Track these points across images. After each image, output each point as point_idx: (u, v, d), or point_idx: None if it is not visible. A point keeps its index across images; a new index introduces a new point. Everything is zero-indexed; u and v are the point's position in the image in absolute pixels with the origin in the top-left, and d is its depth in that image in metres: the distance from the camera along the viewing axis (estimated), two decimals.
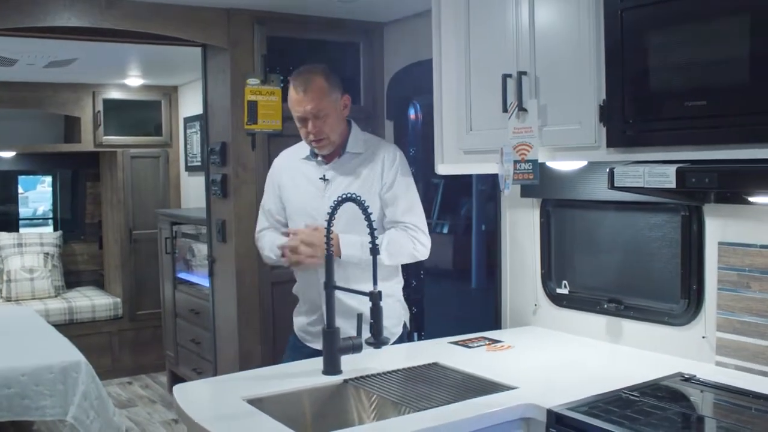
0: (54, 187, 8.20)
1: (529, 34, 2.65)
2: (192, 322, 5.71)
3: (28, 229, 8.00)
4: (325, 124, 3.02)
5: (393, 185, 3.09)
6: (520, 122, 2.66)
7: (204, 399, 2.49)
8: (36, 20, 3.63)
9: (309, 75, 3.04)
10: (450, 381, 2.56)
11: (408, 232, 3.08)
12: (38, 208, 8.56)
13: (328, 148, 3.10)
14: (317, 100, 3.00)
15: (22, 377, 4.20)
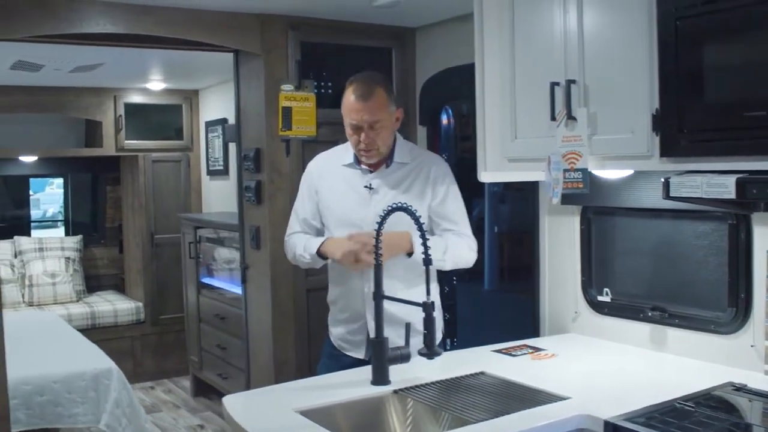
0: (65, 189, 8.20)
1: (578, 41, 2.63)
2: (217, 327, 5.70)
3: (39, 232, 8.01)
4: (378, 135, 2.99)
5: (446, 198, 3.09)
6: (569, 131, 2.64)
7: (256, 410, 2.47)
8: (72, 26, 3.63)
9: (371, 85, 3.00)
10: (500, 390, 2.55)
11: (466, 240, 3.09)
12: (48, 209, 8.56)
13: (375, 159, 3.07)
14: (376, 111, 2.97)
15: (54, 384, 4.19)
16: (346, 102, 3.02)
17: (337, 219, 3.12)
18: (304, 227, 3.22)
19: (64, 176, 8.09)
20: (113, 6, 3.66)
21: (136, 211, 7.03)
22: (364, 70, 3.13)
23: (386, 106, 3.00)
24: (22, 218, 7.95)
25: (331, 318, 3.26)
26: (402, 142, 3.17)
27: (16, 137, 6.79)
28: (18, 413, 4.03)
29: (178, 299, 6.68)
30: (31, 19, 3.53)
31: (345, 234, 3.03)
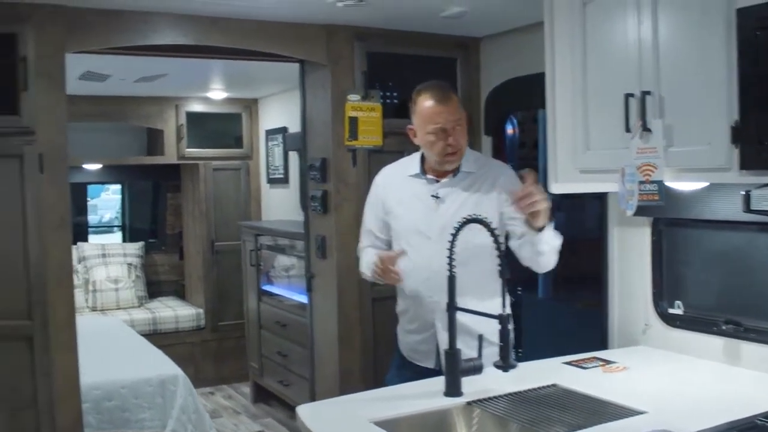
0: (123, 195, 8.34)
1: (653, 52, 2.59)
2: (278, 335, 5.74)
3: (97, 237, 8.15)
4: (461, 135, 3.03)
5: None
6: (644, 142, 2.61)
7: (331, 420, 2.48)
8: (143, 39, 3.70)
9: (445, 88, 3.05)
10: (574, 404, 2.52)
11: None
12: (104, 215, 8.71)
13: (458, 162, 3.08)
14: (455, 111, 3.01)
15: (122, 390, 4.28)
16: (425, 109, 3.02)
17: (405, 229, 3.13)
18: (372, 241, 3.25)
19: (121, 183, 8.23)
20: (184, 18, 3.72)
21: (197, 218, 7.12)
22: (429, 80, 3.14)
23: (460, 109, 3.06)
24: (81, 224, 8.11)
25: (400, 328, 3.28)
26: (468, 151, 3.17)
27: (80, 145, 6.92)
28: (89, 417, 4.13)
29: (237, 306, 6.74)
30: (105, 32, 3.61)
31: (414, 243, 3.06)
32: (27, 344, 3.47)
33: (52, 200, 3.52)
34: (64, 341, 3.56)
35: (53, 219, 3.52)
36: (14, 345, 3.46)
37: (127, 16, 3.62)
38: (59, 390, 3.53)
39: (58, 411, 3.52)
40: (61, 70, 3.53)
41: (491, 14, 3.81)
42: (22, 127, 3.44)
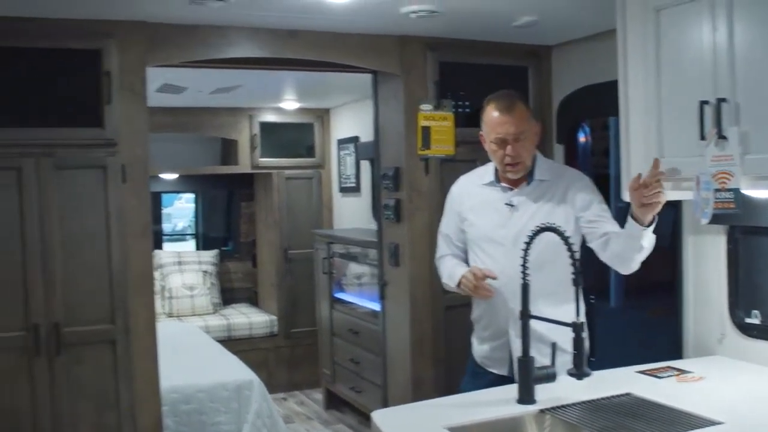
0: (196, 203, 8.52)
1: (728, 59, 2.57)
2: (351, 342, 5.81)
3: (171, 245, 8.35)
4: (523, 147, 3.05)
5: (591, 205, 3.08)
6: (719, 150, 2.58)
7: (405, 426, 2.52)
8: (220, 52, 3.80)
9: (512, 99, 3.08)
10: (650, 414, 2.50)
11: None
12: (178, 223, 8.90)
13: (521, 173, 3.10)
14: (520, 123, 3.03)
15: (199, 394, 4.39)
16: (489, 118, 3.08)
17: (480, 237, 3.17)
18: (451, 248, 3.30)
19: (195, 191, 8.42)
20: (260, 31, 3.81)
21: (270, 226, 7.24)
22: (500, 88, 3.18)
23: (527, 119, 3.07)
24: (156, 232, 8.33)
25: (475, 335, 3.31)
26: (542, 159, 3.20)
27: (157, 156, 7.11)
28: (167, 420, 4.24)
29: (309, 313, 6.82)
30: (184, 46, 3.72)
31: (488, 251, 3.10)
32: (110, 347, 3.61)
33: (134, 209, 3.64)
34: (145, 345, 3.68)
35: (135, 228, 3.64)
36: (99, 348, 3.59)
37: (205, 31, 3.73)
38: (140, 392, 3.65)
39: (138, 412, 3.64)
40: (143, 83, 3.65)
41: (562, 22, 3.81)
42: (105, 139, 3.58)
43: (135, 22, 3.59)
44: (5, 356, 3.45)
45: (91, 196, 3.57)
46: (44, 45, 3.50)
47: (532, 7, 3.53)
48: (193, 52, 3.75)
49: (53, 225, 3.51)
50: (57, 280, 3.51)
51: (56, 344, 3.49)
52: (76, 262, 3.54)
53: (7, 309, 3.46)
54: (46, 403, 3.50)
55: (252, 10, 3.47)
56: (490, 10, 3.56)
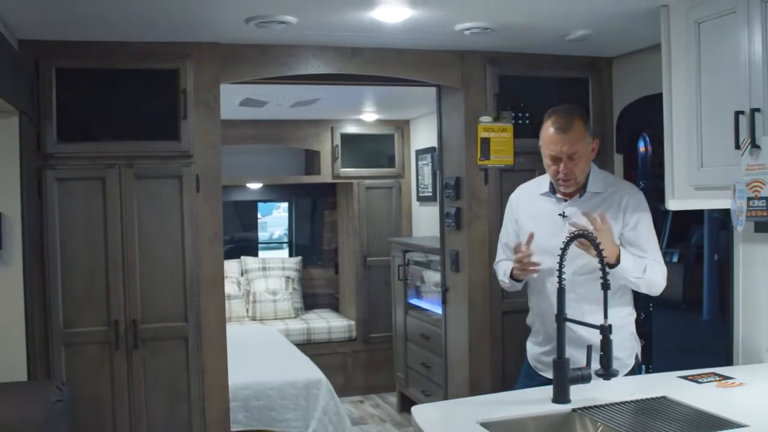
0: (290, 212, 8.83)
1: (763, 69, 2.65)
2: (422, 346, 5.97)
3: (266, 253, 8.66)
4: (576, 166, 3.15)
5: (638, 225, 3.19)
6: (753, 159, 2.66)
7: (441, 420, 2.66)
8: (290, 69, 4.04)
9: (570, 117, 3.17)
10: (678, 416, 2.55)
11: (658, 268, 3.17)
12: (274, 232, 9.21)
13: (573, 188, 3.23)
14: (574, 142, 3.13)
15: (270, 391, 4.63)
16: (545, 134, 3.20)
17: (533, 245, 3.27)
18: (509, 255, 3.43)
19: (289, 201, 8.74)
20: (326, 49, 4.03)
21: (351, 234, 7.48)
22: (560, 100, 3.31)
23: (583, 138, 3.17)
24: (251, 240, 8.68)
25: (529, 339, 3.45)
26: (597, 171, 3.30)
27: (244, 166, 7.46)
28: (238, 414, 4.50)
29: (387, 319, 7.00)
30: (255, 64, 3.98)
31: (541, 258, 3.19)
32: (183, 343, 3.88)
33: (207, 217, 3.92)
34: (215, 343, 3.93)
35: (207, 233, 3.92)
36: (172, 344, 3.88)
37: (274, 50, 3.98)
38: (209, 385, 3.91)
39: (208, 404, 3.91)
40: (216, 100, 3.92)
41: (616, 36, 3.88)
42: (182, 152, 3.87)
43: (209, 44, 3.87)
44: (89, 349, 3.78)
45: (167, 203, 3.87)
46: (127, 66, 3.82)
47: (585, 21, 3.63)
48: (264, 70, 4.00)
49: (133, 230, 3.81)
50: (135, 280, 3.81)
51: (134, 339, 3.80)
52: (153, 264, 3.84)
53: (91, 306, 3.78)
54: (123, 392, 3.80)
55: (316, 30, 3.69)
56: (543, 25, 3.68)
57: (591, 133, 3.25)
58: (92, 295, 3.78)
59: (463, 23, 3.59)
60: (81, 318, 3.76)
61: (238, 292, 7.64)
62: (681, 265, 11.50)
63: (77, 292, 3.76)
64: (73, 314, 3.75)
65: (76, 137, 3.79)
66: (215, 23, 3.55)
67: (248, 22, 3.45)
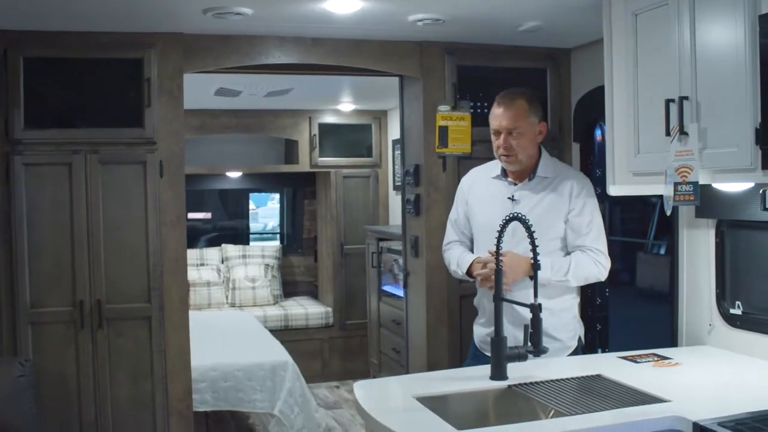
0: (281, 203, 8.95)
1: (691, 59, 2.75)
2: (394, 332, 6.09)
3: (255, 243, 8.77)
4: (517, 142, 3.29)
5: (582, 211, 3.30)
6: (681, 145, 2.76)
7: (380, 395, 2.78)
8: (252, 59, 4.15)
9: (514, 95, 3.35)
10: (608, 392, 2.66)
11: (591, 255, 3.28)
12: (268, 223, 9.32)
13: (515, 166, 3.35)
14: (515, 118, 3.29)
15: (237, 372, 4.75)
16: (491, 112, 3.38)
17: (481, 226, 3.43)
18: (458, 234, 3.56)
19: (280, 192, 8.85)
20: (286, 40, 4.14)
21: (329, 223, 7.59)
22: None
23: (525, 116, 3.30)
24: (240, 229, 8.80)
25: (475, 321, 3.56)
26: (547, 157, 3.42)
27: (224, 155, 7.57)
28: (206, 395, 4.62)
29: (363, 305, 7.13)
30: (217, 54, 4.09)
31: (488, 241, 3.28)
32: (146, 323, 4.01)
33: (170, 201, 4.04)
34: (178, 323, 4.06)
35: (170, 217, 4.04)
36: (136, 324, 4.01)
37: (236, 40, 4.09)
38: (172, 364, 4.04)
39: (170, 383, 4.03)
40: (180, 88, 4.03)
41: (571, 26, 3.97)
42: (145, 138, 3.98)
43: (173, 34, 3.97)
44: (55, 328, 3.90)
45: (131, 188, 3.98)
46: (93, 55, 3.93)
47: (534, 13, 3.73)
48: (225, 60, 4.12)
49: (98, 213, 3.93)
50: (100, 262, 3.93)
51: (99, 319, 3.92)
52: (117, 246, 3.96)
53: (57, 287, 3.90)
54: (88, 370, 3.93)
55: (273, 21, 3.80)
56: (494, 16, 3.78)
57: (538, 115, 3.36)
58: (58, 276, 3.90)
59: (415, 14, 3.69)
60: (47, 298, 3.88)
61: (217, 279, 7.75)
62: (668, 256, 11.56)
63: (43, 273, 3.88)
64: (40, 295, 3.87)
65: (43, 124, 3.91)
66: (178, 14, 3.65)
67: (206, 13, 3.55)
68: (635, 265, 9.00)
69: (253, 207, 9.12)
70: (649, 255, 12.04)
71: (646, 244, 12.16)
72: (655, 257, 11.79)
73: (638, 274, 9.26)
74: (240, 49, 4.10)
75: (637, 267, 9.15)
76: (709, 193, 3.02)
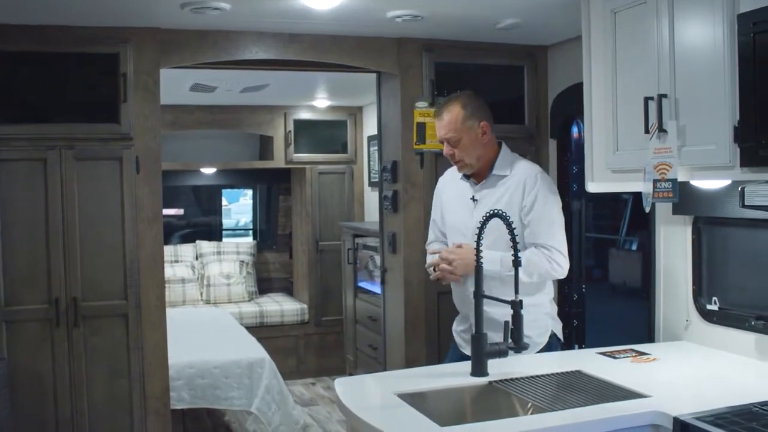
0: (254, 200, 8.91)
1: (669, 57, 2.77)
2: (370, 329, 6.09)
3: (229, 239, 8.74)
4: (458, 148, 3.33)
5: (533, 208, 3.29)
6: (660, 143, 2.78)
7: (360, 392, 2.78)
8: (230, 55, 4.13)
9: (447, 104, 3.35)
10: (588, 387, 2.69)
11: (545, 253, 3.27)
12: (240, 219, 9.28)
13: (467, 170, 3.39)
14: (448, 127, 3.33)
15: (214, 369, 4.73)
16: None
17: (450, 227, 3.49)
18: (437, 233, 3.60)
19: (252, 187, 8.81)
20: (264, 35, 4.12)
21: (304, 219, 7.57)
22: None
23: (458, 123, 3.31)
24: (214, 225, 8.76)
25: (455, 319, 3.57)
26: (506, 154, 3.42)
27: (198, 151, 7.52)
28: (183, 393, 4.59)
29: (338, 302, 7.12)
30: (194, 49, 4.06)
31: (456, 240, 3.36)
32: (123, 321, 3.97)
33: (147, 197, 4.00)
34: (154, 320, 4.03)
35: (147, 214, 4.01)
36: (113, 321, 3.97)
37: (213, 36, 4.06)
38: (149, 362, 4.01)
39: (148, 381, 4.00)
40: (156, 83, 3.99)
41: (549, 24, 3.99)
42: (121, 134, 3.94)
43: (150, 29, 3.94)
44: (30, 326, 3.86)
45: (107, 184, 3.95)
46: (68, 50, 3.88)
47: (513, 10, 3.75)
48: (203, 56, 4.09)
49: (74, 210, 3.89)
50: (76, 259, 3.89)
51: (74, 317, 3.88)
52: (93, 243, 3.92)
53: (32, 284, 3.86)
54: (64, 369, 3.89)
55: (251, 17, 3.79)
56: (473, 14, 3.79)
57: (477, 117, 3.32)
58: (33, 274, 3.85)
59: (394, 11, 3.70)
60: (22, 296, 3.84)
61: (192, 275, 7.70)
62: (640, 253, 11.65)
63: (18, 270, 3.83)
64: (14, 292, 3.83)
65: (17, 119, 3.86)
66: (155, 8, 3.62)
67: (183, 8, 3.53)
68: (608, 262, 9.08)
69: (226, 203, 9.08)
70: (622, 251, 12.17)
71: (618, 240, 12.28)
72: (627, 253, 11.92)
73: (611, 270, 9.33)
74: (217, 45, 4.07)
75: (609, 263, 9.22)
76: (686, 190, 3.04)
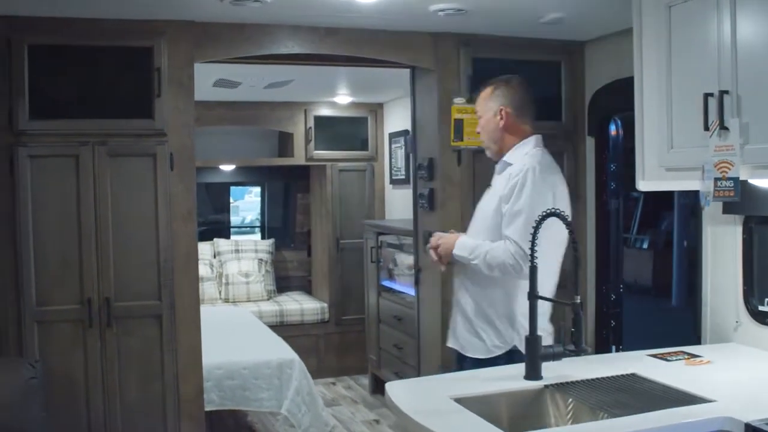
0: (262, 197, 8.83)
1: (731, 52, 2.68)
2: (395, 328, 6.01)
3: (239, 237, 8.67)
4: (479, 127, 3.39)
5: (508, 199, 3.20)
6: (721, 140, 2.70)
7: (414, 395, 2.69)
8: (264, 49, 4.05)
9: (486, 84, 3.40)
10: (647, 391, 2.61)
11: (507, 245, 3.15)
12: (247, 216, 9.21)
13: (487, 152, 3.44)
14: (477, 104, 3.40)
15: (243, 371, 4.65)
16: None
17: None
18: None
19: (261, 185, 8.73)
20: (300, 29, 4.05)
21: (324, 217, 7.49)
22: (533, 82, 3.38)
23: (482, 100, 3.36)
24: (223, 223, 8.68)
25: None
26: (524, 146, 3.32)
27: (217, 148, 7.44)
28: (212, 394, 4.51)
29: (359, 301, 7.03)
30: (229, 43, 3.98)
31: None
32: (157, 322, 3.90)
33: (181, 195, 3.93)
34: (189, 321, 3.96)
35: (181, 212, 3.93)
36: (146, 322, 3.90)
37: (248, 29, 3.98)
38: (183, 364, 3.94)
39: (182, 383, 3.93)
40: (191, 78, 3.92)
41: (589, 19, 3.93)
42: (155, 130, 3.87)
43: (184, 22, 3.86)
44: (62, 327, 3.79)
45: (141, 181, 3.87)
46: (100, 43, 3.81)
47: (559, 4, 3.67)
48: (237, 49, 4.01)
49: (106, 208, 3.82)
50: (109, 258, 3.82)
51: (107, 317, 3.81)
52: (126, 242, 3.85)
53: (64, 284, 3.78)
54: (97, 371, 3.82)
55: (291, 10, 3.71)
56: (517, 6, 3.72)
57: (500, 101, 3.29)
58: (65, 273, 3.78)
59: (437, 4, 3.62)
60: (54, 296, 3.76)
61: (210, 274, 7.63)
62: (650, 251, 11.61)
63: (50, 270, 3.76)
64: (46, 292, 3.76)
65: (49, 114, 3.78)
66: (191, 1, 3.54)
67: (223, 0, 3.44)
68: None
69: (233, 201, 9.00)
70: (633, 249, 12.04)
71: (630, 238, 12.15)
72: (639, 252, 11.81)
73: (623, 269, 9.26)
74: (252, 38, 4.00)
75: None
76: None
